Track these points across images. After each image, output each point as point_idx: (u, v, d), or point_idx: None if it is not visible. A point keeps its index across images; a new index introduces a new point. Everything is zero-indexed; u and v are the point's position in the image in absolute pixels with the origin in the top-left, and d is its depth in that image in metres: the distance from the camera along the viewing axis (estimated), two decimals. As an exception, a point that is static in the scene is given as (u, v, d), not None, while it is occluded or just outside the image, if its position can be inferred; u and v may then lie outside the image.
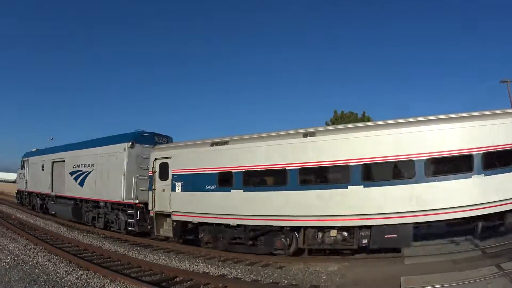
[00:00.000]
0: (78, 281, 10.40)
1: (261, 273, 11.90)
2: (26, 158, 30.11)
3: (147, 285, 10.08)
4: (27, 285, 9.73)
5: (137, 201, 17.99)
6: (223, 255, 14.79)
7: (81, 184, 21.65)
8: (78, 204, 22.38)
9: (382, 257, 12.62)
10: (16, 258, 12.51)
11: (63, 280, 10.37)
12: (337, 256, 13.38)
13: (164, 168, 16.71)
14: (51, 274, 10.87)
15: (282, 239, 13.63)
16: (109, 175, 19.52)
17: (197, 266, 12.99)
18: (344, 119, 34.07)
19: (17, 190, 33.88)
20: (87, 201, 21.55)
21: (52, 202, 25.45)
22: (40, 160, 27.15)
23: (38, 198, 27.99)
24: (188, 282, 10.83)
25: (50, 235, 18.51)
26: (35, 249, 14.57)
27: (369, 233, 12.08)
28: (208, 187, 15.02)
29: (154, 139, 19.46)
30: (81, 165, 21.69)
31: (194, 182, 15.53)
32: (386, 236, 11.75)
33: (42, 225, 21.92)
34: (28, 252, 13.79)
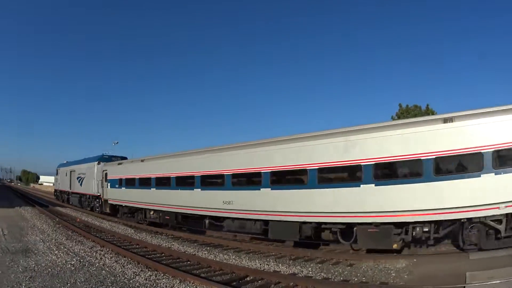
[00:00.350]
0: (147, 282, 10.32)
1: (332, 271, 11.99)
2: (59, 168, 47.43)
3: (217, 285, 9.99)
4: (94, 286, 9.70)
5: (99, 194, 32.04)
6: (294, 253, 14.85)
7: (81, 184, 36.82)
8: (81, 197, 37.56)
9: (449, 253, 12.81)
10: (82, 260, 12.69)
11: (131, 281, 10.32)
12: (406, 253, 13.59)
13: (106, 175, 30.66)
14: (119, 275, 10.89)
15: (141, 214, 25.56)
16: (90, 180, 33.95)
17: (268, 265, 13.03)
18: (409, 112, 35.18)
19: (54, 190, 54.67)
20: (83, 194, 36.62)
21: (70, 196, 41.59)
22: (65, 170, 43.50)
23: (65, 194, 45.00)
24: (259, 282, 10.93)
25: (117, 237, 19.09)
26: (102, 251, 14.85)
27: (159, 215, 23.25)
28: (117, 186, 28.37)
29: (111, 159, 33.56)
30: (81, 173, 36.80)
31: (114, 183, 28.88)
32: (164, 216, 22.64)
33: (109, 228, 22.77)
34: (94, 254, 14.02)
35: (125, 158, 32.99)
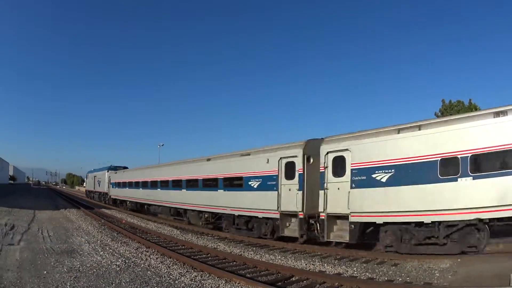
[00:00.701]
0: (192, 282, 10.62)
1: (376, 270, 12.39)
2: (88, 174, 70.05)
3: (263, 285, 10.24)
4: (139, 286, 10.06)
5: (107, 192, 49.72)
6: (339, 253, 15.32)
7: (99, 185, 56.11)
8: (99, 194, 56.37)
9: (494, 253, 13.07)
10: (127, 261, 13.19)
11: (176, 282, 10.65)
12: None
13: (110, 179, 48.12)
14: (164, 276, 11.26)
15: (125, 204, 42.34)
16: (103, 182, 52.55)
17: (313, 265, 13.41)
18: (452, 108, 36.96)
19: (85, 190, 77.49)
20: (100, 192, 55.65)
21: (94, 194, 60.65)
22: (91, 175, 64.22)
23: (91, 193, 63.78)
24: (304, 282, 11.27)
25: (162, 238, 19.67)
26: (147, 252, 15.38)
27: (131, 204, 40.78)
28: (114, 186, 46.27)
29: (116, 168, 50.24)
30: (99, 178, 56.23)
31: (113, 185, 46.53)
32: (132, 205, 40.42)
33: (154, 229, 23.53)
34: (140, 255, 14.55)
35: (126, 168, 49.25)
